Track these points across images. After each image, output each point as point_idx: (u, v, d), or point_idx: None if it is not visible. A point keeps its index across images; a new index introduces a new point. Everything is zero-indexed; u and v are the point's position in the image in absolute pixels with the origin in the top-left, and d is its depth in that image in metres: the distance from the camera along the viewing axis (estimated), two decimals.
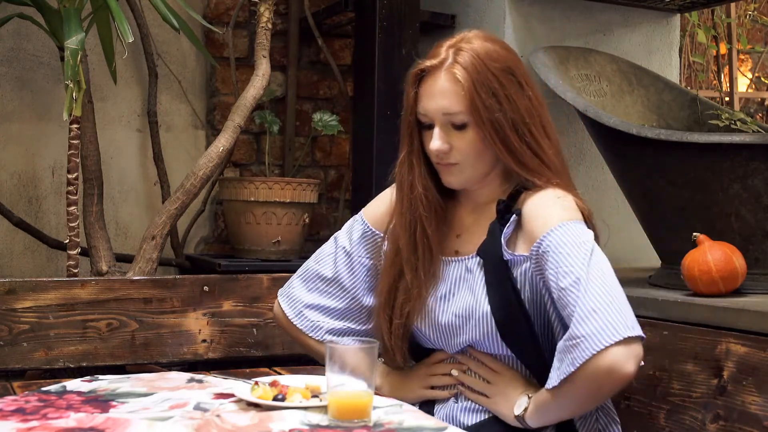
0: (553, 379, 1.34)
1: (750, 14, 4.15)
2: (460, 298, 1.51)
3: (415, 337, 1.58)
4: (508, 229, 1.47)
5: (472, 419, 1.51)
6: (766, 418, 1.53)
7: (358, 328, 1.65)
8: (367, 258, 1.64)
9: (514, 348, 1.47)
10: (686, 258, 1.93)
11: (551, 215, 1.42)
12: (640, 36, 2.81)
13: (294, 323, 1.66)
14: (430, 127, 1.50)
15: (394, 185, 1.62)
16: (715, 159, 1.96)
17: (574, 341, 1.30)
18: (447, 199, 1.58)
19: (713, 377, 1.64)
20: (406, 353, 1.58)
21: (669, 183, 2.05)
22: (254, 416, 1.28)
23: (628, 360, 1.28)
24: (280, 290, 1.72)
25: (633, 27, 2.79)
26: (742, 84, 4.23)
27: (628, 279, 2.28)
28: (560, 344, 1.34)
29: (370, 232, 1.64)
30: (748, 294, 1.93)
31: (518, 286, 1.45)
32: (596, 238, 1.47)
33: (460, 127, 1.47)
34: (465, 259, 1.53)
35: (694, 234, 1.95)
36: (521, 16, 2.58)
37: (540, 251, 1.40)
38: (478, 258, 1.50)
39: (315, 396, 1.37)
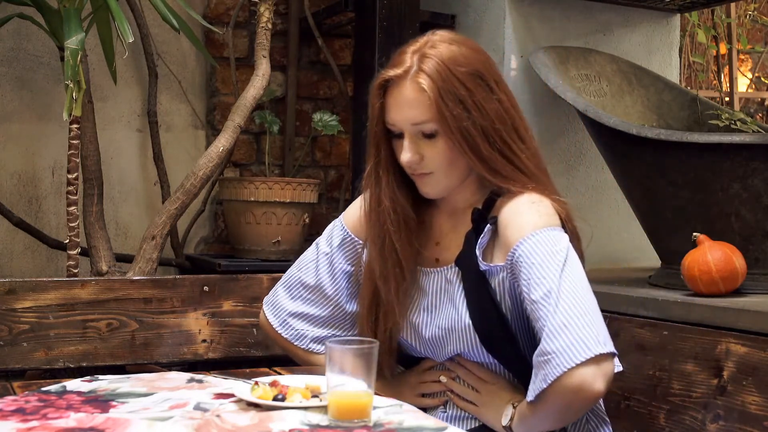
0: (530, 393, 1.33)
1: (750, 14, 4.15)
2: (443, 311, 1.50)
3: (402, 346, 1.57)
4: (483, 239, 1.44)
5: (463, 427, 1.51)
6: (766, 418, 1.53)
7: (342, 334, 1.63)
8: (348, 264, 1.61)
9: (499, 357, 1.47)
10: (686, 258, 1.93)
11: (525, 223, 1.39)
12: (640, 36, 2.81)
13: (279, 332, 1.65)
14: (401, 136, 1.46)
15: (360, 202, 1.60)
16: (715, 159, 1.96)
17: (545, 357, 1.29)
18: (423, 207, 1.55)
19: (713, 377, 1.64)
20: (393, 366, 1.57)
21: (669, 183, 2.05)
22: (254, 416, 1.28)
23: (596, 379, 1.26)
24: (264, 299, 1.71)
25: (633, 27, 2.79)
26: (742, 84, 4.23)
27: (628, 279, 2.29)
28: (534, 358, 1.32)
29: (349, 239, 1.61)
30: (748, 294, 1.93)
31: (497, 298, 1.43)
32: (577, 240, 1.45)
33: (430, 136, 1.44)
34: (444, 270, 1.51)
35: (694, 234, 1.95)
36: (521, 16, 2.58)
37: (513, 260, 1.38)
38: (456, 268, 1.49)
39: (315, 396, 1.37)
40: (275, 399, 1.33)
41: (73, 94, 2.04)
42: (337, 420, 1.24)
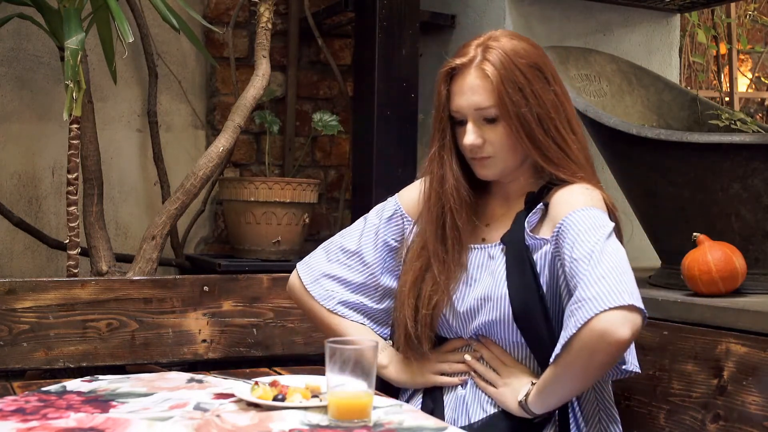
0: (558, 347, 1.36)
1: (750, 14, 4.14)
2: (481, 283, 1.54)
3: None
4: (533, 217, 1.51)
5: (479, 413, 1.52)
6: (766, 418, 1.53)
7: (370, 305, 1.67)
8: (393, 239, 1.67)
9: (527, 334, 1.50)
10: (686, 258, 1.93)
11: (576, 201, 1.47)
12: (640, 36, 2.81)
13: (308, 289, 1.68)
14: (462, 123, 1.54)
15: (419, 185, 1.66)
16: (715, 159, 1.96)
17: (578, 304, 1.33)
18: (478, 192, 1.62)
19: (713, 377, 1.64)
20: (433, 340, 1.59)
21: (669, 183, 2.05)
22: (254, 416, 1.28)
23: (623, 324, 1.29)
24: (299, 262, 1.74)
25: (633, 27, 2.79)
26: (742, 84, 4.23)
27: None
28: (567, 310, 1.37)
29: (400, 214, 1.67)
30: (748, 294, 1.93)
31: (537, 270, 1.48)
32: (619, 232, 1.52)
33: (492, 121, 1.52)
34: (489, 247, 1.57)
35: (694, 234, 1.95)
36: (521, 16, 2.58)
37: (560, 230, 1.44)
38: (501, 245, 1.54)
39: (315, 396, 1.37)
40: (275, 399, 1.33)
41: (73, 94, 2.04)
42: (337, 420, 1.25)
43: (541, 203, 1.52)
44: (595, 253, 1.37)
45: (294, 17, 2.97)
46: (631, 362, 1.49)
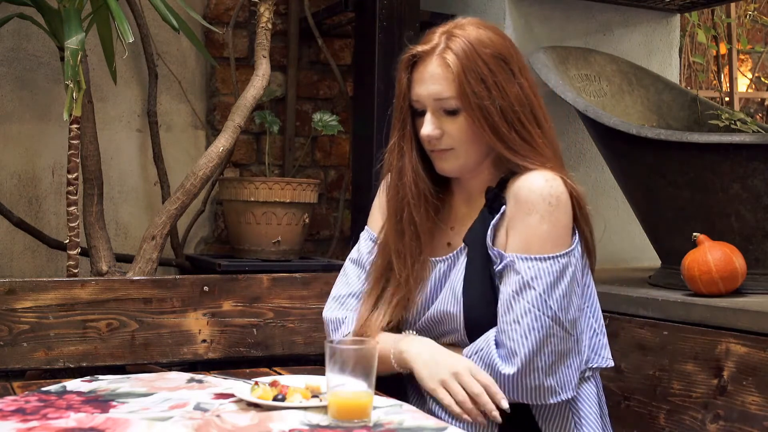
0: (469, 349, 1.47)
1: (750, 14, 4.14)
2: (440, 301, 1.52)
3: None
4: (497, 220, 1.48)
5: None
6: (766, 418, 1.53)
7: None
8: None
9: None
10: (686, 258, 1.93)
11: (532, 237, 1.42)
12: (640, 36, 2.81)
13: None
14: (423, 113, 1.50)
15: (381, 186, 1.63)
16: (715, 159, 1.96)
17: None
18: (440, 191, 1.57)
19: (713, 377, 1.65)
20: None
21: (669, 183, 2.05)
22: (254, 416, 1.28)
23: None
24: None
25: (633, 27, 2.79)
26: (742, 84, 4.23)
27: (628, 279, 2.29)
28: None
29: (374, 237, 1.64)
30: (748, 294, 1.93)
31: (498, 283, 1.46)
32: (587, 225, 1.48)
33: (452, 113, 1.47)
34: (452, 256, 1.54)
35: (694, 234, 1.95)
36: (521, 16, 2.58)
37: (505, 265, 1.43)
38: (466, 248, 1.51)
39: (315, 396, 1.37)
40: (275, 399, 1.33)
41: (73, 94, 2.04)
42: (337, 420, 1.25)
43: (503, 207, 1.47)
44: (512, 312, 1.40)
45: (294, 17, 2.96)
46: (605, 357, 1.51)
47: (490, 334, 1.43)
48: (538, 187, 1.43)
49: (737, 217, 1.99)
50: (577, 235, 1.46)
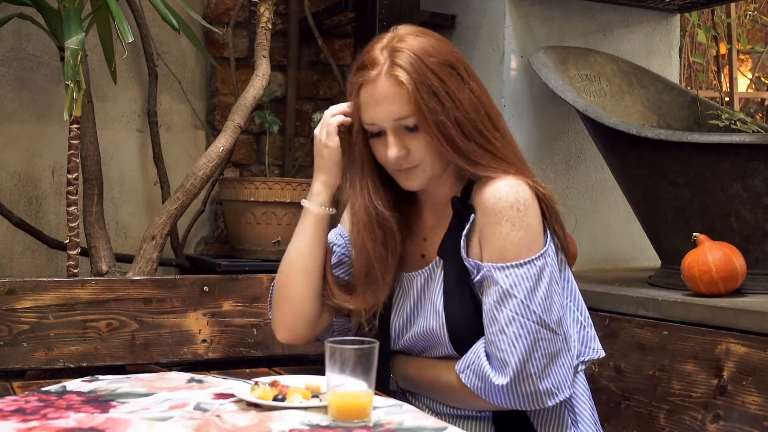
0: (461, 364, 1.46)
1: (750, 14, 4.14)
2: (422, 316, 1.52)
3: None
4: (467, 230, 1.46)
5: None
6: (766, 418, 1.53)
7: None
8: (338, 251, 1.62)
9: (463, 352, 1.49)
10: (686, 258, 1.93)
11: (505, 245, 1.41)
12: (640, 36, 2.81)
13: None
14: (379, 134, 1.46)
15: None
16: (715, 159, 1.96)
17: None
18: (405, 205, 1.56)
19: (713, 377, 1.65)
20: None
21: (669, 183, 2.05)
22: (254, 416, 1.28)
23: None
24: None
25: (633, 27, 2.79)
26: (742, 84, 4.23)
27: (628, 279, 2.29)
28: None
29: (339, 233, 1.63)
30: (748, 294, 1.93)
31: (477, 293, 1.46)
32: (558, 224, 1.47)
33: (413, 129, 1.43)
34: (427, 270, 1.53)
35: (694, 234, 1.95)
36: (521, 16, 2.58)
37: (483, 276, 1.42)
38: (441, 261, 1.50)
39: (315, 396, 1.37)
40: (275, 399, 1.33)
41: (73, 94, 2.03)
42: (337, 420, 1.24)
43: (472, 216, 1.46)
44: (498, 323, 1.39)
45: (294, 17, 2.97)
46: (595, 348, 1.51)
47: (480, 346, 1.43)
48: (504, 195, 1.41)
49: (737, 217, 1.99)
50: (548, 233, 1.46)
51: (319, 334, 1.62)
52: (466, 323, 1.46)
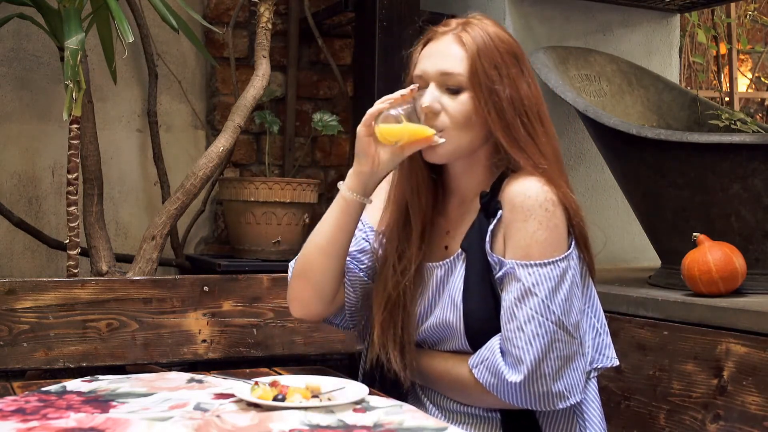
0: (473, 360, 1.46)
1: (750, 14, 4.14)
2: (439, 307, 1.51)
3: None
4: (493, 225, 1.46)
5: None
6: (766, 418, 1.53)
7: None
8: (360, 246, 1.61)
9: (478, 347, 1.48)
10: (686, 258, 1.93)
11: (531, 243, 1.40)
12: (640, 36, 2.81)
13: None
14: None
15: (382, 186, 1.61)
16: (715, 159, 1.96)
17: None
18: (435, 194, 1.56)
19: (713, 377, 1.65)
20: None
21: (669, 183, 2.05)
22: (254, 416, 1.28)
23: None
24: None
25: (633, 27, 2.79)
26: (742, 84, 4.23)
27: (628, 279, 2.29)
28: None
29: (360, 227, 1.61)
30: (748, 294, 1.93)
31: (497, 288, 1.45)
32: (582, 238, 1.46)
33: (455, 92, 1.44)
34: (449, 261, 1.52)
35: (694, 234, 1.95)
36: (521, 16, 2.58)
37: (505, 272, 1.42)
38: (462, 254, 1.49)
39: (315, 396, 1.37)
40: (275, 399, 1.33)
41: (73, 94, 2.03)
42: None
43: (499, 211, 1.45)
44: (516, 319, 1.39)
45: (294, 17, 2.97)
46: (610, 356, 1.50)
47: (495, 343, 1.42)
48: (534, 193, 1.41)
49: (737, 217, 1.99)
50: (573, 237, 1.46)
51: (331, 316, 1.62)
52: (483, 318, 1.45)
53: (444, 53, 1.45)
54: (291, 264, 1.61)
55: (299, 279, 1.57)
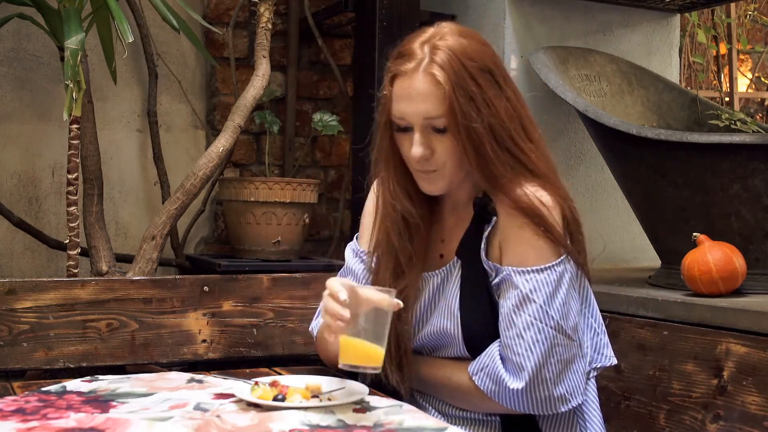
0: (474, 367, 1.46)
1: (750, 14, 4.14)
2: (436, 314, 1.51)
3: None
4: (488, 232, 1.45)
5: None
6: (766, 418, 1.53)
7: None
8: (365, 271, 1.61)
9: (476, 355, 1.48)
10: (686, 258, 1.93)
11: (527, 249, 1.40)
12: (640, 36, 2.81)
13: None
14: (406, 130, 1.43)
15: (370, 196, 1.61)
16: (715, 159, 1.96)
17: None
18: (425, 204, 1.53)
19: (713, 377, 1.65)
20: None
21: (669, 183, 2.05)
22: (254, 416, 1.28)
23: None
24: (311, 327, 1.72)
25: (633, 27, 2.79)
26: (742, 84, 4.23)
27: (628, 279, 2.29)
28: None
29: (360, 251, 1.62)
30: (748, 294, 1.93)
31: (495, 296, 1.45)
32: (579, 244, 1.46)
33: (441, 131, 1.40)
34: (444, 269, 1.52)
35: (694, 234, 1.95)
36: (521, 16, 2.58)
37: (502, 279, 1.42)
38: (458, 261, 1.49)
39: (315, 396, 1.37)
40: (275, 399, 1.33)
41: (73, 94, 2.03)
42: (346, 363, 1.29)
43: (494, 218, 1.44)
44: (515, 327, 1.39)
45: (294, 17, 2.97)
46: (608, 355, 1.50)
47: (494, 349, 1.42)
48: (529, 200, 1.41)
49: (737, 217, 1.99)
50: (569, 239, 1.45)
51: None
52: (480, 325, 1.45)
53: (422, 95, 1.38)
54: (312, 327, 1.68)
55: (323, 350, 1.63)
